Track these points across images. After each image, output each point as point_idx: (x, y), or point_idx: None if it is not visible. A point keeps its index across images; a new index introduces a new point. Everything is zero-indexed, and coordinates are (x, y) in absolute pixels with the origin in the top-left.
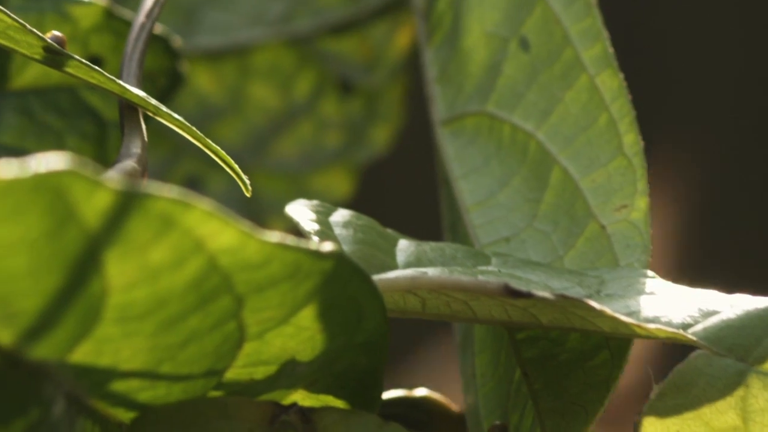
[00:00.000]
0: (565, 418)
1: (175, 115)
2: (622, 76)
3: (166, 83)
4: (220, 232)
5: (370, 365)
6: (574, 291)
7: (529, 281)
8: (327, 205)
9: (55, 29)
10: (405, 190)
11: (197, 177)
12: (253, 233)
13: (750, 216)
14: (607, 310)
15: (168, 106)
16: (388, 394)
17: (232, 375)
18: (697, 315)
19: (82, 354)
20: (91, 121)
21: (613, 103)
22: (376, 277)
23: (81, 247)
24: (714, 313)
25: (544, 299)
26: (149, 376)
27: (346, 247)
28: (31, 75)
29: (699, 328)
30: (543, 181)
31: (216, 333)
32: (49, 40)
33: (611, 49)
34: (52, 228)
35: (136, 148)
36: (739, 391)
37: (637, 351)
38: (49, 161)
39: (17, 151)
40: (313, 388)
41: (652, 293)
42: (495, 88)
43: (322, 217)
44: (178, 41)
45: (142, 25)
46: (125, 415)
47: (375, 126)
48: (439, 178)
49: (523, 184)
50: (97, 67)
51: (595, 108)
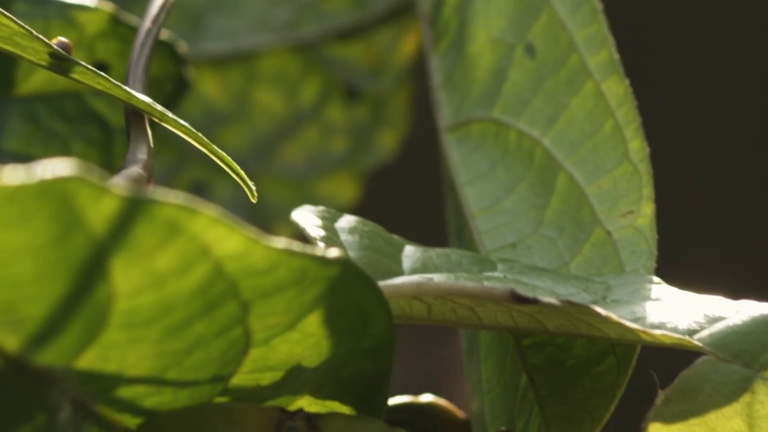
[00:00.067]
0: (571, 424)
1: (181, 121)
2: (627, 82)
3: (172, 89)
4: (226, 238)
5: (376, 371)
6: (580, 297)
7: (535, 287)
8: (333, 211)
9: (61, 35)
10: (411, 196)
11: (203, 183)
12: (259, 239)
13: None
14: (613, 316)
15: (174, 112)
16: (394, 400)
17: (238, 381)
18: (702, 321)
19: (88, 360)
20: (97, 127)
21: (618, 109)
22: (382, 283)
23: (87, 253)
24: (720, 319)
25: (550, 305)
26: (155, 382)
27: (352, 253)
28: (37, 81)
29: (705, 334)
30: (549, 187)
31: (222, 339)
32: (55, 46)
33: (617, 55)
34: (58, 234)
35: (142, 154)
36: (745, 397)
37: (642, 357)
38: (55, 167)
39: (23, 157)
40: (319, 394)
41: (657, 299)
42: (501, 94)
43: (328, 223)
44: (184, 47)
45: (148, 31)
46: (131, 421)
47: (381, 132)
48: (445, 184)
49: (529, 190)
50: (103, 73)
51: (601, 114)
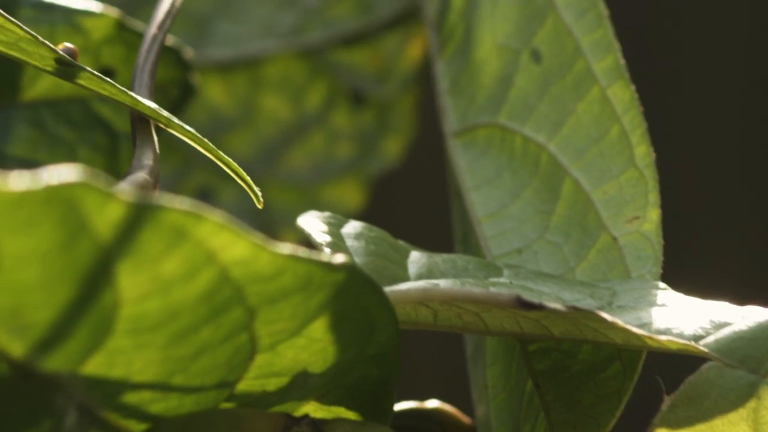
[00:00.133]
0: (577, 430)
1: (187, 127)
2: (633, 87)
3: (178, 95)
4: (232, 244)
5: (382, 377)
6: (586, 303)
7: (541, 293)
8: (339, 216)
9: (66, 41)
10: (416, 202)
11: (209, 188)
12: (265, 245)
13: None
14: (619, 322)
15: (180, 118)
16: (400, 406)
17: (244, 387)
18: (708, 327)
19: (94, 366)
20: (103, 133)
21: (624, 114)
22: (388, 288)
23: (93, 259)
24: (725, 324)
25: (556, 311)
26: (161, 387)
27: (358, 259)
28: (42, 87)
29: (710, 339)
30: (555, 193)
31: (228, 345)
32: (60, 52)
33: (623, 61)
34: (64, 240)
35: (148, 160)
36: (751, 403)
37: (648, 363)
38: (61, 173)
39: (29, 162)
40: (324, 399)
41: (663, 305)
42: (507, 100)
43: (334, 229)
44: (189, 53)
45: (154, 37)
46: (137, 427)
47: (386, 137)
48: (451, 190)
49: (534, 196)
50: (108, 79)
51: (607, 120)
